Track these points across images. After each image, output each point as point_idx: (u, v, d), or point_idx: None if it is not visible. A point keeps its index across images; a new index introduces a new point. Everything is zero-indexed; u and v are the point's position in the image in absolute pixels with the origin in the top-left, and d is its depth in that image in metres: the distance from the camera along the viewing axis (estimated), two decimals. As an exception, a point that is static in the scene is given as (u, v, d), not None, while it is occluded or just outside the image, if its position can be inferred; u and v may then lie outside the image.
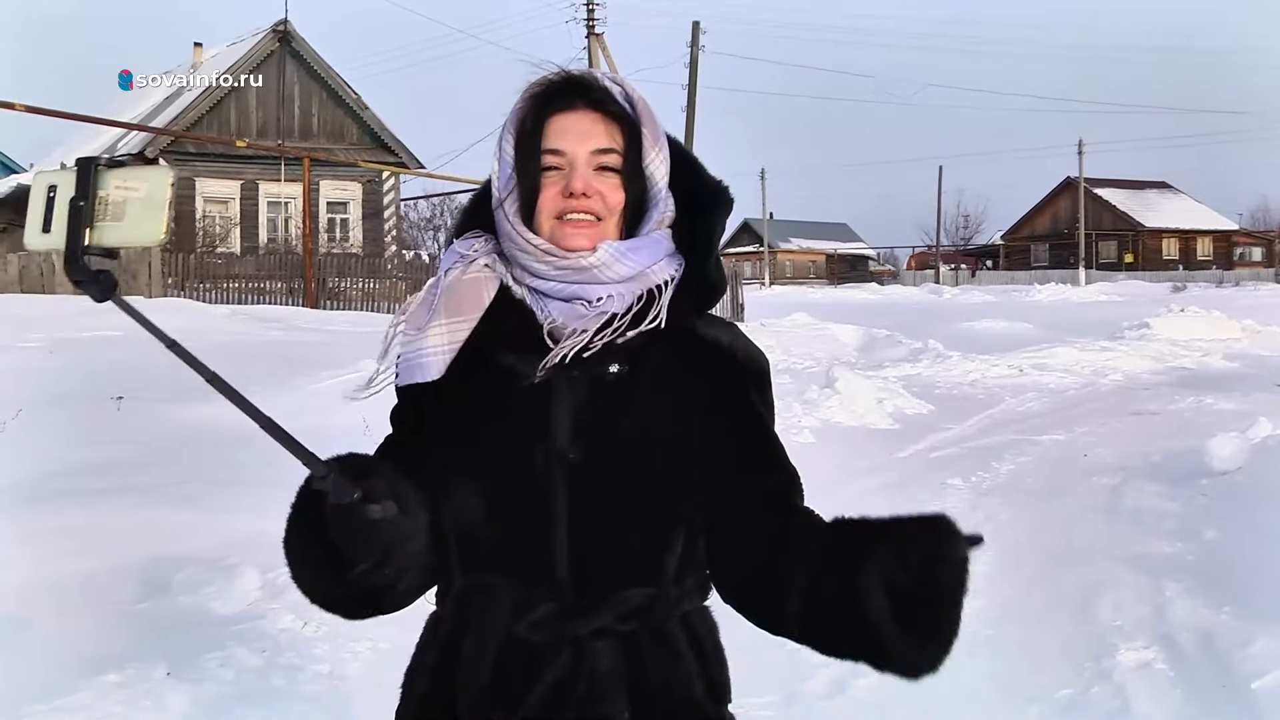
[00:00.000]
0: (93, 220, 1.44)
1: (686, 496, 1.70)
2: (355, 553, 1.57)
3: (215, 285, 26.46)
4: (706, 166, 1.81)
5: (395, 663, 1.83)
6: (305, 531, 1.65)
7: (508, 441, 1.69)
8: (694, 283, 1.74)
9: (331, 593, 1.68)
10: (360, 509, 1.51)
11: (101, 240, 1.44)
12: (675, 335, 1.71)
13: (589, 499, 1.66)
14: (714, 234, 1.79)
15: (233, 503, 6.33)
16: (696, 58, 38.49)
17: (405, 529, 1.56)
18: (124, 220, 1.44)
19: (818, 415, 11.63)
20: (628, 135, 1.72)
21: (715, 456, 1.71)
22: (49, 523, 6.09)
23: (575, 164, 1.68)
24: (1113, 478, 8.84)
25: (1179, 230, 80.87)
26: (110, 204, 1.44)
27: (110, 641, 4.73)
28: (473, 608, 1.70)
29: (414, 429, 1.77)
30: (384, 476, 1.56)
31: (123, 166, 1.48)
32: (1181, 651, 4.99)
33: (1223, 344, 20.78)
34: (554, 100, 1.71)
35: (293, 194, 32.66)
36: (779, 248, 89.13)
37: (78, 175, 1.44)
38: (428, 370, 1.69)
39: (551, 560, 1.66)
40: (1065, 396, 14.63)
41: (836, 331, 21.65)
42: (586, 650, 1.65)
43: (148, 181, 1.46)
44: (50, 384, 10.69)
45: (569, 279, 1.68)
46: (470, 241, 1.77)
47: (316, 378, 10.73)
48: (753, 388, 1.77)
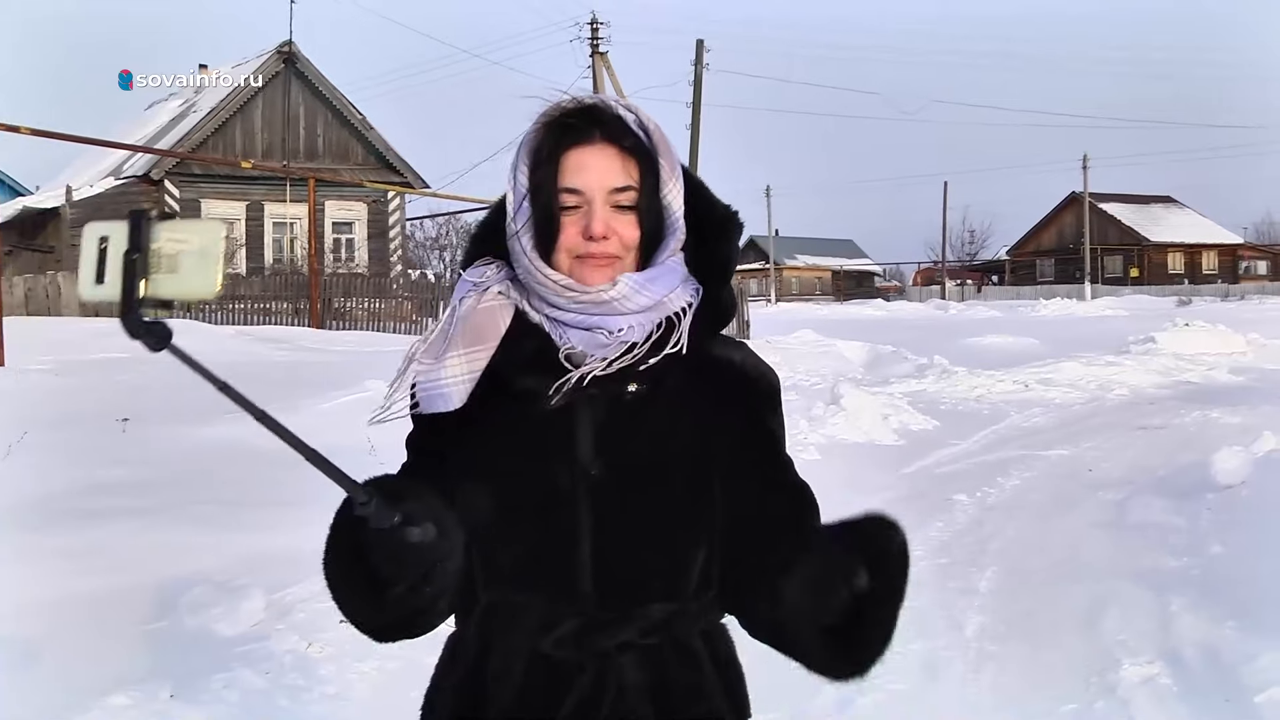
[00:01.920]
0: (147, 272, 1.44)
1: (705, 512, 1.72)
2: (396, 575, 1.58)
3: (221, 306, 26.47)
4: (713, 184, 1.82)
5: (403, 683, 1.83)
6: (345, 555, 1.66)
7: (531, 460, 1.71)
8: (709, 307, 1.76)
9: (373, 615, 1.69)
10: (401, 532, 1.52)
11: (157, 292, 1.44)
12: (691, 356, 1.73)
13: (612, 515, 1.68)
14: (730, 262, 1.81)
15: (239, 523, 6.36)
16: (701, 75, 38.57)
17: (443, 549, 1.57)
18: (179, 272, 1.44)
19: (823, 432, 11.64)
20: (643, 167, 1.72)
21: (730, 473, 1.73)
22: (55, 543, 6.11)
23: (593, 203, 1.69)
24: (1118, 492, 8.84)
25: (1184, 244, 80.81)
26: (164, 256, 1.44)
27: (116, 663, 4.73)
28: (496, 626, 1.71)
29: (432, 455, 1.78)
30: (421, 499, 1.58)
31: (173, 219, 1.49)
32: (1186, 666, 4.98)
33: (1228, 358, 20.75)
34: (569, 132, 1.71)
35: (298, 214, 32.74)
36: (785, 264, 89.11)
37: (130, 227, 1.44)
38: (449, 400, 1.71)
39: (576, 576, 1.68)
40: (1071, 411, 14.62)
41: (842, 348, 21.64)
42: (612, 665, 1.67)
43: (199, 234, 1.45)
44: (56, 406, 10.73)
45: (589, 312, 1.69)
46: (482, 270, 1.78)
47: (323, 398, 10.74)
48: (765, 406, 1.80)
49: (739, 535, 1.73)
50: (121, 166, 33.40)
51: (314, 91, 35.02)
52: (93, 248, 1.46)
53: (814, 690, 4.56)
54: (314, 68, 34.97)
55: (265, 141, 34.54)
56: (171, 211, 3.58)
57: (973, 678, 5.02)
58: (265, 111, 34.45)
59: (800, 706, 4.44)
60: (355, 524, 1.56)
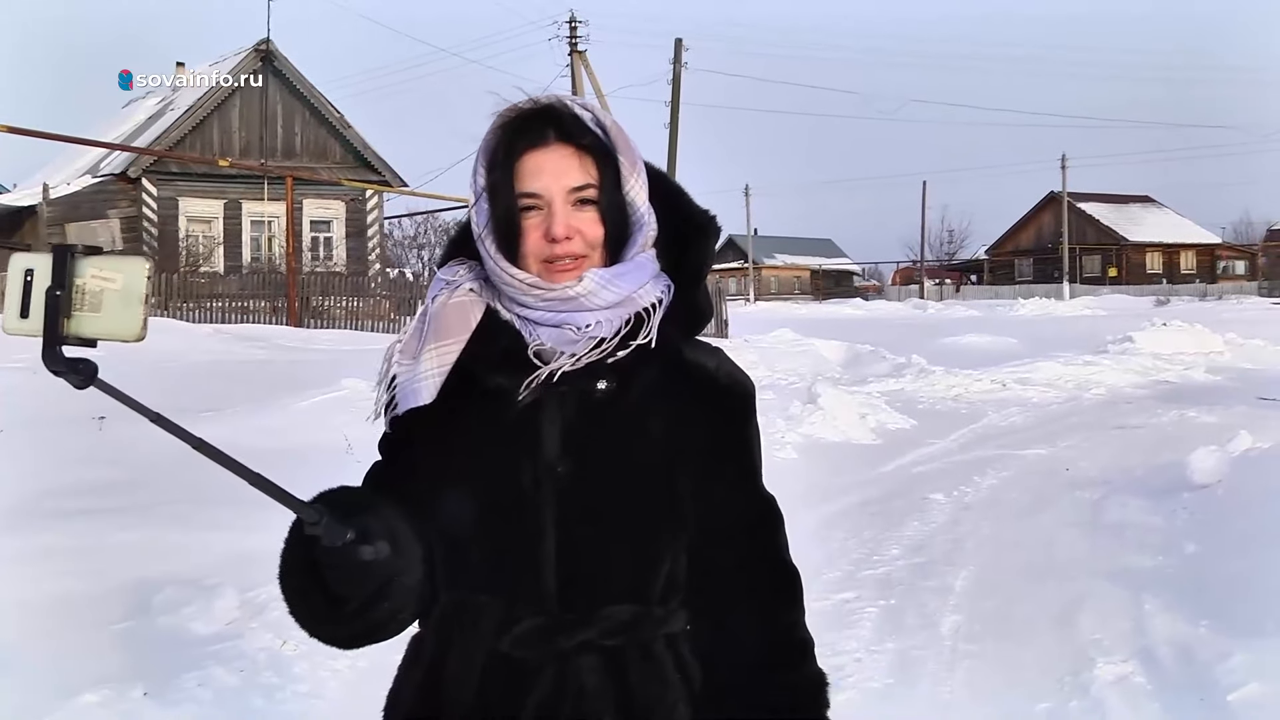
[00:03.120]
0: (70, 310, 1.43)
1: (671, 515, 1.71)
2: (350, 591, 1.58)
3: (199, 305, 26.43)
4: (691, 182, 1.82)
5: (375, 681, 1.83)
6: (299, 570, 1.65)
7: (496, 458, 1.70)
8: (683, 309, 1.75)
9: (330, 630, 1.69)
10: (354, 550, 1.52)
11: (79, 331, 1.44)
12: (663, 358, 1.72)
13: (577, 513, 1.67)
14: (703, 266, 1.80)
15: (213, 523, 6.32)
16: (679, 75, 38.63)
17: (397, 566, 1.57)
18: (101, 311, 1.44)
19: (801, 431, 11.67)
20: (602, 165, 1.70)
21: (698, 478, 1.72)
22: (29, 544, 6.07)
23: (553, 205, 1.67)
24: (1095, 492, 8.89)
25: (1162, 244, 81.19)
26: (88, 294, 1.44)
27: (89, 662, 4.70)
28: (457, 626, 1.69)
29: (403, 455, 1.78)
30: (376, 513, 1.57)
31: (99, 254, 1.47)
32: (1160, 665, 5.00)
33: (1205, 357, 20.87)
34: (524, 134, 1.70)
35: (276, 213, 32.59)
36: (763, 264, 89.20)
37: (54, 263, 1.43)
38: (419, 395, 1.70)
39: (538, 575, 1.67)
40: (1048, 411, 14.70)
41: (820, 347, 21.66)
42: (571, 667, 1.65)
43: (123, 273, 1.45)
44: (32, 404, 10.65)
45: (557, 309, 1.68)
46: (455, 268, 1.77)
47: (301, 396, 10.70)
48: (738, 412, 1.78)
49: (698, 542, 1.72)
50: (99, 164, 33.22)
51: (292, 90, 34.87)
52: (18, 281, 1.45)
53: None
54: (292, 66, 34.82)
55: (243, 140, 34.38)
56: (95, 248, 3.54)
57: (947, 676, 5.03)
58: (243, 110, 34.29)
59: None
60: (309, 540, 1.56)
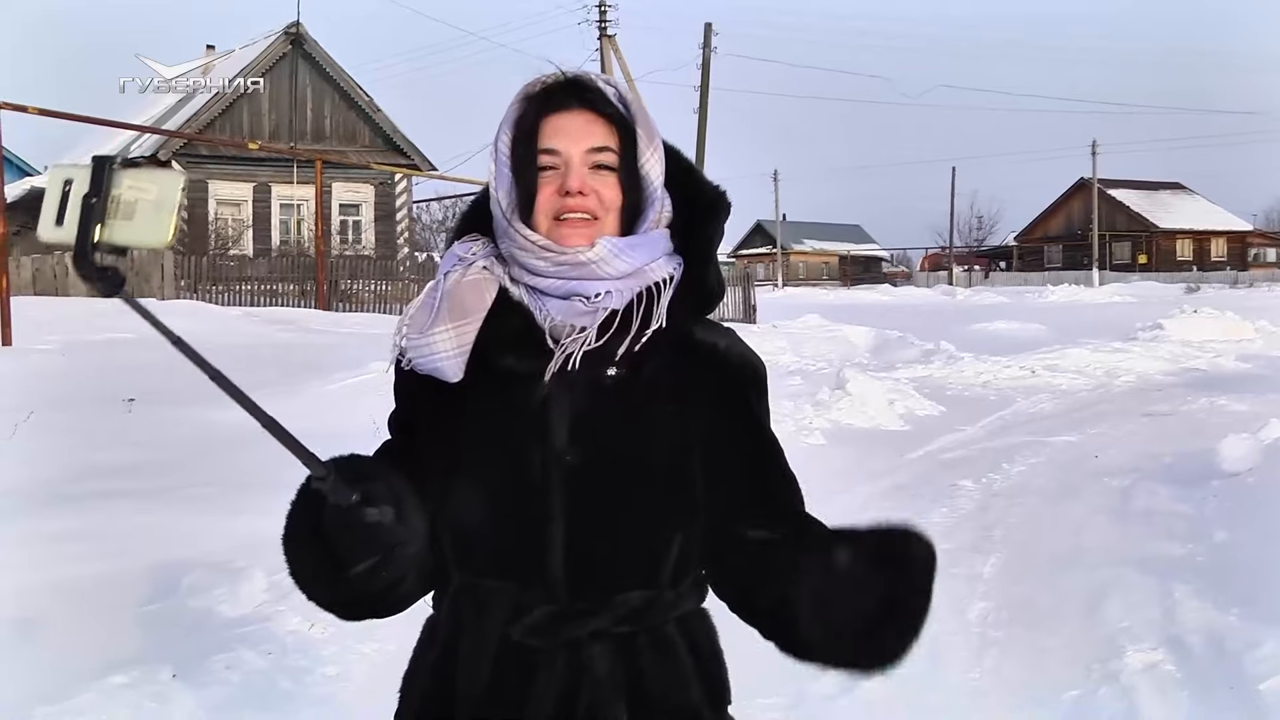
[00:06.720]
0: (104, 217, 1.45)
1: (683, 500, 1.70)
2: (352, 555, 1.57)
3: (228, 287, 26.50)
4: (720, 167, 1.82)
5: (403, 664, 1.83)
6: (303, 531, 1.65)
7: (506, 444, 1.69)
8: (693, 288, 1.75)
9: (328, 593, 1.69)
10: (358, 511, 1.52)
11: (111, 237, 1.46)
12: (673, 339, 1.71)
13: (586, 501, 1.67)
14: (712, 242, 1.80)
15: (241, 505, 6.34)
16: (709, 59, 38.50)
17: (402, 533, 1.56)
18: (134, 220, 1.46)
19: (829, 417, 11.64)
20: (622, 135, 1.73)
21: (712, 460, 1.72)
22: (58, 525, 6.11)
23: (571, 162, 1.69)
24: (1124, 479, 8.83)
25: (1193, 231, 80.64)
26: (122, 203, 1.46)
27: (117, 644, 4.73)
28: (468, 611, 1.70)
29: (412, 434, 1.78)
30: (383, 480, 1.56)
31: (137, 167, 1.50)
32: (1190, 653, 4.96)
33: (1236, 345, 20.73)
34: (549, 101, 1.73)
35: (305, 196, 32.71)
36: (792, 249, 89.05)
37: (92, 172, 1.46)
38: (445, 374, 1.70)
39: (548, 563, 1.66)
40: (1077, 398, 14.62)
41: (848, 333, 21.60)
42: (584, 654, 1.65)
43: (159, 184, 1.47)
44: (62, 386, 10.73)
45: (567, 275, 1.68)
46: (468, 245, 1.78)
47: (329, 379, 10.76)
48: (750, 392, 1.77)
49: (726, 522, 1.71)
50: (129, 148, 33.34)
51: (321, 73, 34.96)
52: (56, 190, 1.48)
53: (815, 675, 4.55)
54: (321, 49, 34.90)
55: (272, 123, 34.49)
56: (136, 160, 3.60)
57: (975, 663, 5.01)
58: (272, 93, 34.40)
59: (802, 692, 4.43)
60: (315, 500, 1.56)
